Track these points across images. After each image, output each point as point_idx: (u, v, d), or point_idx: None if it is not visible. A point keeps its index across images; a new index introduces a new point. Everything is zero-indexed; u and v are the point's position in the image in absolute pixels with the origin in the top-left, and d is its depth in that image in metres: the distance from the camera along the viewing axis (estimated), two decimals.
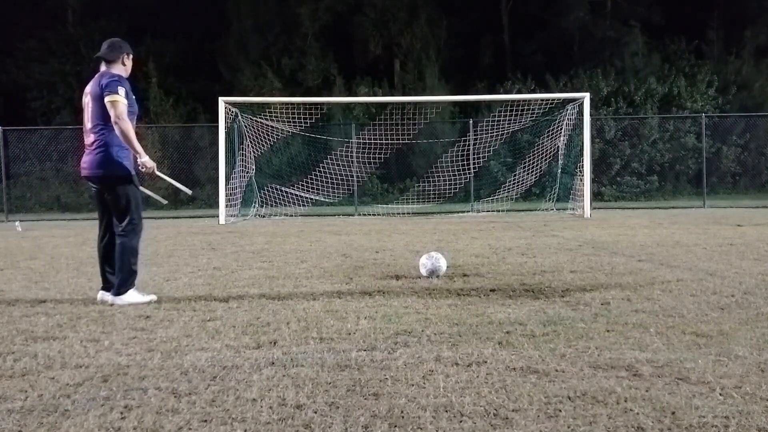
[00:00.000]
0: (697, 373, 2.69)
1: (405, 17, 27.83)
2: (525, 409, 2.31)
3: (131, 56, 4.80)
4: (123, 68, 4.72)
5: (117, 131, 4.49)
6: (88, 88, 4.66)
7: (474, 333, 3.46)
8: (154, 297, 4.65)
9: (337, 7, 28.43)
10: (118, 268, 4.58)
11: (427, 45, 27.26)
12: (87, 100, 4.64)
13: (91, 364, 2.97)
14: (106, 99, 4.46)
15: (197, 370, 2.86)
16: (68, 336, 3.53)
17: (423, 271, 5.50)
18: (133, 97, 4.67)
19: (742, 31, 26.70)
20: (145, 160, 4.63)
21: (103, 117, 4.52)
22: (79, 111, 4.90)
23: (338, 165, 17.70)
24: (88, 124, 4.64)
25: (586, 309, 4.03)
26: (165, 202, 5.66)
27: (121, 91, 4.48)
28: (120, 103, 4.46)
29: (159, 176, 4.92)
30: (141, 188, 4.87)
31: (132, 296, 4.56)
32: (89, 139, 4.63)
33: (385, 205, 18.27)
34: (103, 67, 4.68)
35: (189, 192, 5.47)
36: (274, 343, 3.33)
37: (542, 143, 17.74)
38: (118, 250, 4.60)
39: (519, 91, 22.62)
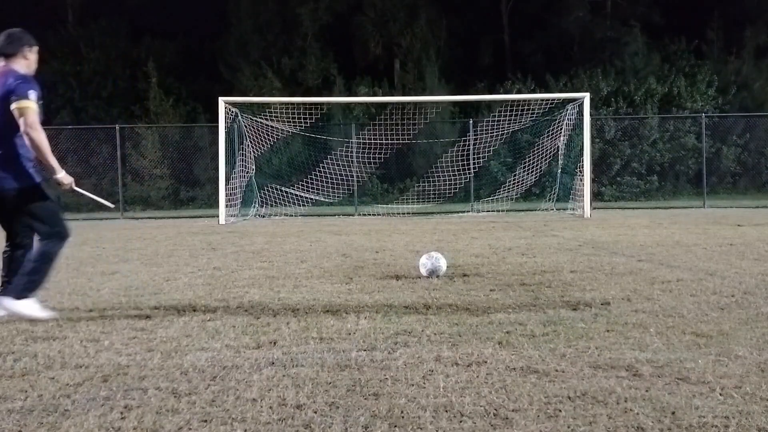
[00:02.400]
0: (697, 373, 2.69)
1: (405, 17, 27.83)
2: (525, 409, 2.31)
3: (34, 49, 4.13)
4: (25, 63, 4.06)
5: (27, 142, 3.88)
6: None
7: (474, 333, 3.46)
8: (54, 314, 4.03)
9: (337, 7, 28.43)
10: (28, 270, 3.98)
11: (427, 45, 27.25)
12: None
13: (91, 364, 2.97)
14: (14, 105, 3.83)
15: (197, 370, 2.86)
16: (68, 336, 3.53)
17: (423, 271, 5.50)
18: (41, 101, 4.05)
19: (742, 31, 26.69)
20: (62, 177, 4.07)
21: (7, 123, 3.89)
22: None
23: (338, 165, 17.70)
24: None
25: (586, 309, 4.03)
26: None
27: (32, 95, 3.88)
28: (31, 110, 3.85)
29: (78, 192, 4.46)
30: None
31: (29, 306, 3.96)
32: None
33: (385, 205, 18.27)
34: (1, 63, 4.02)
35: (111, 206, 5.22)
36: (274, 343, 3.32)
37: (542, 143, 17.74)
38: (37, 254, 4.05)
39: (519, 91, 22.60)
